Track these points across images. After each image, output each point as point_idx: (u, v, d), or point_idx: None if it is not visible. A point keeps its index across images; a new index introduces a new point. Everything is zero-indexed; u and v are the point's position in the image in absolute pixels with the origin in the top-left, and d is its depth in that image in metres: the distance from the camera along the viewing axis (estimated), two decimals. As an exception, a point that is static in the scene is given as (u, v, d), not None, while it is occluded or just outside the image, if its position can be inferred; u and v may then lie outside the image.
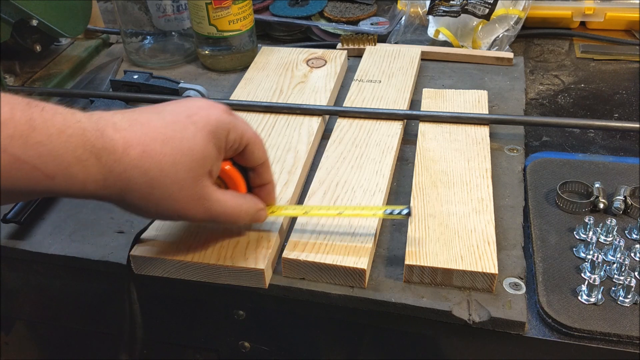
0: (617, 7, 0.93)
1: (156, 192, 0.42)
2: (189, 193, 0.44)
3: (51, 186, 0.39)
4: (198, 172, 0.44)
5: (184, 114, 0.44)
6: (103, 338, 0.71)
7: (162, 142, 0.42)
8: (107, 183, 0.41)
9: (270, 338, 0.61)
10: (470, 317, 0.49)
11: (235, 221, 0.49)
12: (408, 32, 0.93)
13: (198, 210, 0.45)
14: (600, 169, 0.63)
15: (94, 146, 0.39)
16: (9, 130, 0.36)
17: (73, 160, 0.38)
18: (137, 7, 0.86)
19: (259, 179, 0.51)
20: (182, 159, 0.43)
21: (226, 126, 0.45)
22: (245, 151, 0.48)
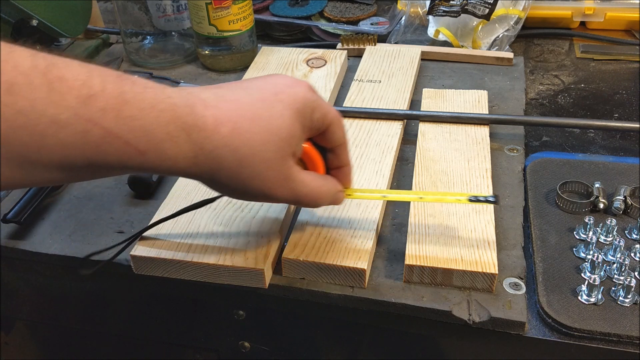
0: (617, 7, 0.93)
1: (245, 171, 0.42)
2: (276, 173, 0.43)
3: (142, 162, 0.38)
4: (285, 151, 0.43)
5: (271, 91, 0.43)
6: (103, 338, 0.71)
7: (251, 120, 0.41)
8: (197, 160, 0.40)
9: (270, 338, 0.61)
10: (470, 317, 0.49)
11: (316, 203, 0.48)
12: (408, 32, 0.93)
13: (283, 190, 0.44)
14: (600, 169, 0.63)
15: (185, 123, 0.39)
16: (100, 103, 0.35)
17: (164, 136, 0.38)
18: (137, 7, 0.86)
19: (337, 160, 0.49)
20: (271, 138, 0.42)
21: (311, 104, 0.44)
22: (327, 131, 0.47)
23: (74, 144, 0.35)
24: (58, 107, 0.34)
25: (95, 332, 0.70)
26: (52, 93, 0.34)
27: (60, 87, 0.34)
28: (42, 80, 0.34)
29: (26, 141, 0.34)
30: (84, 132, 0.35)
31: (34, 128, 0.34)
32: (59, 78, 0.34)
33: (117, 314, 0.67)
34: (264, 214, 0.56)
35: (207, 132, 0.39)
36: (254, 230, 0.55)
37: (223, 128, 0.40)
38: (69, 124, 0.35)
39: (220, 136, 0.40)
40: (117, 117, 0.36)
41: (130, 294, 0.63)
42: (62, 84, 0.34)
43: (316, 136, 0.47)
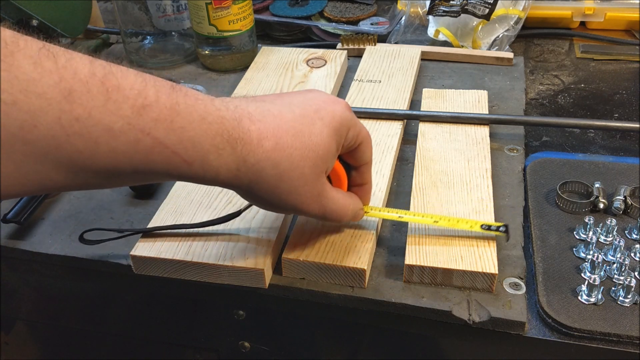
0: (617, 7, 0.93)
1: (283, 186, 0.43)
2: (310, 189, 0.44)
3: (187, 171, 0.39)
4: (320, 168, 0.44)
5: (312, 109, 0.44)
6: (103, 338, 0.71)
7: (293, 136, 0.42)
8: (239, 173, 0.41)
9: (270, 338, 0.61)
10: (470, 317, 0.49)
11: (340, 219, 0.49)
12: (408, 32, 0.93)
13: (315, 206, 0.45)
14: (600, 169, 0.63)
15: (231, 136, 0.39)
16: (154, 113, 0.36)
17: (211, 148, 0.39)
18: (137, 7, 0.86)
19: (360, 178, 0.51)
20: (309, 154, 0.43)
21: (348, 123, 0.46)
22: (357, 149, 0.48)
23: (124, 152, 0.36)
24: (113, 116, 0.35)
25: (95, 332, 0.70)
26: (109, 102, 0.34)
27: (117, 96, 0.35)
28: (99, 88, 0.34)
29: (79, 148, 0.34)
30: (135, 141, 0.36)
31: (88, 135, 0.34)
32: (115, 87, 0.35)
33: (117, 314, 0.67)
34: (264, 214, 0.56)
35: (251, 145, 0.40)
36: (254, 230, 0.55)
37: (267, 142, 0.41)
38: (122, 133, 0.35)
39: (263, 150, 0.41)
40: (168, 128, 0.37)
41: (130, 294, 0.63)
42: (119, 93, 0.35)
43: (345, 154, 0.49)
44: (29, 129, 0.32)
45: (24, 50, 0.32)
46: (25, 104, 0.32)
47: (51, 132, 0.33)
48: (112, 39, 0.98)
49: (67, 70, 0.33)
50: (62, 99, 0.33)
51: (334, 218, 0.48)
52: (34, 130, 0.32)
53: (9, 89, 0.31)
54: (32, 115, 0.32)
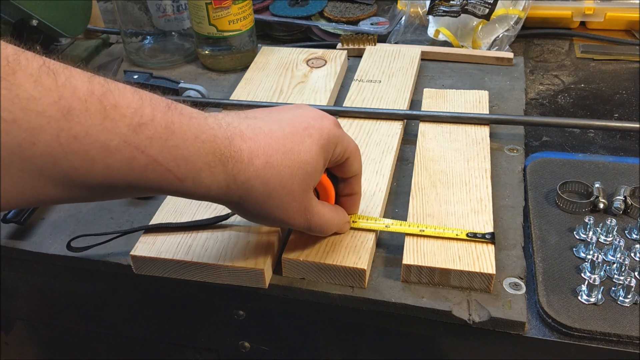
0: (617, 7, 0.93)
1: (271, 202, 0.44)
2: (298, 204, 0.45)
3: (179, 188, 0.40)
4: (308, 184, 0.45)
5: (302, 126, 0.45)
6: (103, 338, 0.71)
7: (283, 154, 0.43)
8: (229, 190, 0.42)
9: (270, 338, 0.61)
10: (470, 317, 0.49)
11: (325, 232, 0.51)
12: (408, 32, 0.93)
13: (300, 220, 0.47)
14: (600, 169, 0.63)
15: (223, 154, 0.40)
16: (149, 132, 0.37)
17: (203, 166, 0.39)
18: (137, 7, 0.86)
19: (348, 189, 0.52)
20: (298, 172, 0.44)
21: (335, 140, 0.47)
22: (345, 163, 0.49)
23: (119, 169, 0.36)
24: (110, 134, 0.35)
25: (95, 332, 0.70)
26: (106, 120, 0.35)
27: (114, 115, 0.35)
28: (97, 107, 0.35)
29: (76, 165, 0.35)
30: (130, 159, 0.36)
31: (85, 153, 0.35)
32: (113, 105, 0.35)
33: (117, 314, 0.67)
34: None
35: (242, 164, 0.41)
36: (254, 230, 0.55)
37: (257, 160, 0.42)
38: (118, 151, 0.36)
39: (253, 168, 0.42)
40: (163, 146, 0.37)
41: (130, 294, 0.63)
42: (116, 111, 0.35)
43: (333, 168, 0.50)
44: (28, 146, 0.33)
45: (25, 68, 0.32)
46: (25, 121, 0.32)
47: (49, 149, 0.33)
48: (112, 39, 0.98)
49: (67, 89, 0.34)
50: (61, 117, 0.33)
51: (319, 231, 0.50)
52: (32, 148, 0.33)
53: (9, 107, 0.32)
54: (31, 133, 0.32)
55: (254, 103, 0.73)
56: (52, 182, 0.35)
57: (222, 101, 0.74)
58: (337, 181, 0.52)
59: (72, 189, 0.36)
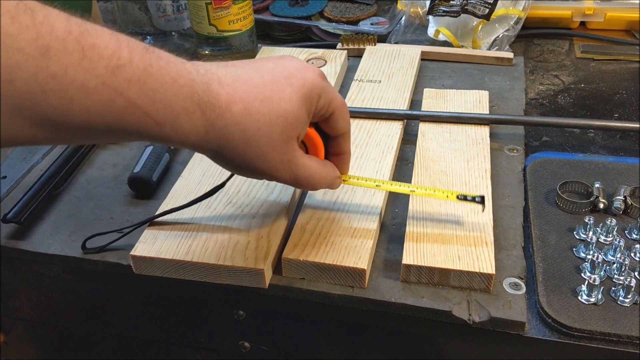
0: (617, 7, 0.93)
1: (250, 150, 0.43)
2: (279, 154, 0.45)
3: (158, 133, 0.39)
4: (290, 134, 0.44)
5: (283, 75, 0.45)
6: (103, 338, 0.71)
7: (262, 102, 0.43)
8: (207, 136, 0.41)
9: (270, 338, 0.61)
10: (470, 317, 0.49)
11: (314, 187, 0.49)
12: (408, 32, 0.93)
13: (285, 172, 0.46)
14: (600, 169, 0.63)
15: (201, 99, 0.40)
16: (127, 74, 0.36)
17: (181, 111, 0.39)
18: (137, 7, 0.86)
19: (337, 147, 0.51)
20: (278, 120, 0.43)
21: (319, 90, 0.46)
22: (330, 118, 0.48)
23: (97, 111, 0.36)
24: (88, 74, 0.35)
25: (95, 332, 0.70)
26: (84, 60, 0.35)
27: (92, 55, 0.35)
28: (75, 46, 0.35)
29: (54, 104, 0.35)
30: (109, 101, 0.36)
31: (63, 93, 0.34)
32: (91, 45, 0.35)
33: (117, 314, 0.67)
34: (264, 214, 0.56)
35: (220, 109, 0.41)
36: (254, 230, 0.55)
37: (235, 107, 0.42)
38: (96, 92, 0.35)
39: (231, 114, 0.41)
40: (141, 89, 0.37)
41: (130, 294, 0.63)
42: (94, 51, 0.35)
43: (320, 122, 0.49)
44: (6, 85, 0.33)
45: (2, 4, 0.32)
46: (3, 58, 0.32)
47: (27, 87, 0.33)
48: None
49: (45, 27, 0.33)
50: (39, 55, 0.33)
51: (307, 185, 0.49)
52: (10, 86, 0.33)
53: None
54: (9, 70, 0.32)
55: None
56: (30, 121, 0.35)
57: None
58: (327, 140, 0.51)
59: (51, 129, 0.36)
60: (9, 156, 0.71)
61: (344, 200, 0.58)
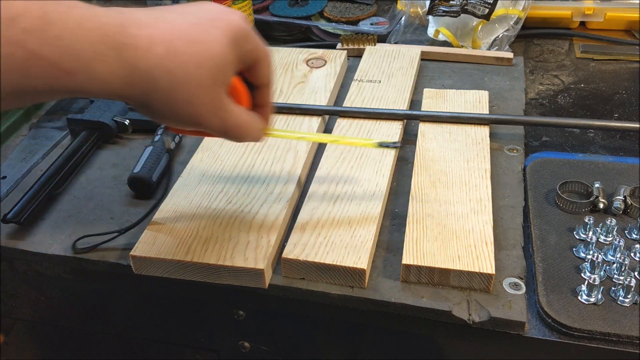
0: (617, 7, 0.93)
1: (179, 95, 0.41)
2: (209, 100, 0.42)
3: (71, 83, 0.37)
4: (218, 78, 0.43)
5: (207, 17, 0.43)
6: (103, 338, 0.71)
7: (187, 43, 0.41)
8: (130, 80, 0.39)
9: (270, 338, 0.61)
10: (470, 317, 0.49)
11: (242, 136, 0.47)
12: (408, 32, 0.93)
13: (215, 119, 0.44)
14: (600, 169, 0.63)
15: (116, 41, 0.38)
16: (23, 24, 0.34)
17: (93, 55, 0.37)
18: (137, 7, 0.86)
19: (260, 99, 0.49)
20: (206, 63, 0.41)
21: (245, 34, 0.44)
22: (256, 66, 0.47)
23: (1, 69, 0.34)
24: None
25: (95, 332, 0.70)
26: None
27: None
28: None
29: None
30: (8, 56, 0.34)
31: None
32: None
33: (117, 314, 0.67)
34: (264, 214, 0.56)
35: (140, 50, 0.39)
36: (254, 230, 0.55)
37: (157, 48, 0.39)
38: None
39: (154, 56, 0.39)
40: (42, 38, 0.35)
41: (130, 294, 0.63)
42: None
43: (245, 71, 0.47)
44: None
45: None
46: None
47: None
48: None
49: None
50: None
51: (236, 134, 0.47)
52: None
53: None
54: None
55: (254, 103, 0.73)
56: None
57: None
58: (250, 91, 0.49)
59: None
60: (9, 156, 0.71)
61: (344, 200, 0.58)
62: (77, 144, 0.70)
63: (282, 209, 0.57)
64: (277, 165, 0.63)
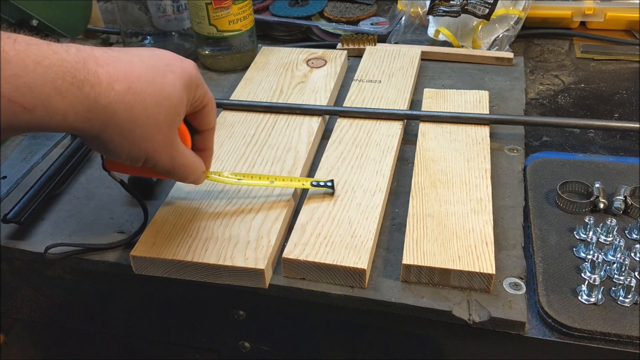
0: (617, 7, 0.93)
1: (137, 131, 0.42)
2: (163, 138, 0.44)
3: (31, 119, 0.38)
4: (173, 119, 0.45)
5: (163, 62, 0.45)
6: (103, 338, 0.71)
7: (146, 83, 0.42)
8: (89, 115, 0.40)
9: (270, 338, 0.61)
10: (470, 317, 0.49)
11: (186, 176, 0.50)
12: (408, 32, 0.93)
13: (165, 156, 0.46)
14: (600, 169, 0.63)
15: (75, 77, 0.39)
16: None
17: (52, 92, 0.38)
18: (137, 7, 0.86)
19: (202, 143, 0.52)
20: (164, 103, 0.43)
21: (197, 81, 0.46)
22: (202, 111, 0.49)
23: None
24: None
25: (95, 332, 0.70)
26: None
27: None
28: None
29: None
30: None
31: None
32: None
33: (117, 314, 0.67)
34: (264, 214, 0.56)
35: (101, 86, 0.40)
36: (254, 230, 0.55)
37: (118, 85, 0.41)
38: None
39: (115, 92, 0.40)
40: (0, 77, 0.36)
41: (130, 294, 0.63)
42: None
43: (190, 116, 0.49)
44: None
45: None
46: None
47: None
48: (112, 39, 0.98)
49: None
50: None
51: (181, 173, 0.49)
52: None
53: None
54: None
55: (254, 103, 0.73)
56: None
57: (222, 101, 0.73)
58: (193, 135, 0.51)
59: None
60: (9, 156, 0.71)
61: (344, 200, 0.58)
62: (77, 143, 0.70)
63: (282, 209, 0.57)
64: (277, 166, 0.63)
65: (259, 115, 0.72)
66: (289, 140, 0.67)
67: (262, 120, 0.71)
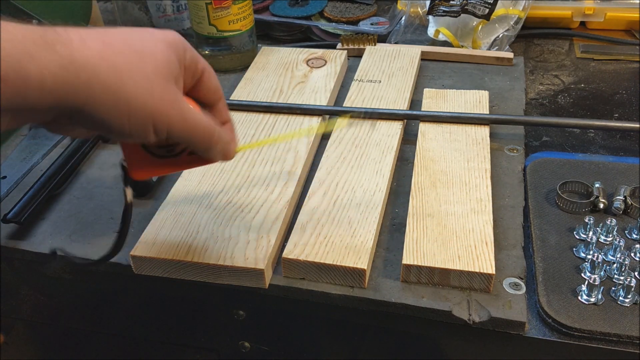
0: (617, 7, 0.93)
1: (128, 86, 0.38)
2: (163, 89, 0.40)
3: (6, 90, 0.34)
4: (164, 73, 0.40)
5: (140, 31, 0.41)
6: (103, 338, 0.71)
7: (123, 42, 0.39)
8: (67, 75, 0.36)
9: (270, 338, 0.61)
10: (470, 317, 0.49)
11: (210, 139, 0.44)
12: (408, 32, 0.93)
13: (174, 112, 0.40)
14: (600, 169, 0.63)
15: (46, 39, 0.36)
16: None
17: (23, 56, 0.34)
18: (137, 7, 0.86)
19: (219, 117, 0.47)
20: (147, 59, 0.39)
21: (183, 44, 0.43)
22: (202, 80, 0.45)
23: None
24: None
25: (95, 332, 0.70)
26: None
27: None
28: None
29: None
30: None
31: None
32: None
33: (117, 314, 0.67)
34: (264, 214, 0.56)
35: (72, 44, 0.36)
36: (254, 230, 0.55)
37: (92, 43, 0.37)
38: None
39: (90, 49, 0.37)
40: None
41: (130, 294, 0.63)
42: None
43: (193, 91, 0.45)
44: None
45: None
46: None
47: None
48: (112, 39, 0.97)
49: None
50: None
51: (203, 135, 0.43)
52: None
53: None
54: None
55: (254, 103, 0.73)
56: None
57: (222, 101, 0.73)
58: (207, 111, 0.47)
59: None
60: (9, 156, 0.71)
61: (344, 200, 0.58)
62: (77, 144, 0.70)
63: (282, 209, 0.57)
64: (277, 166, 0.63)
65: (259, 115, 0.72)
66: (288, 141, 0.67)
67: (262, 120, 0.71)
